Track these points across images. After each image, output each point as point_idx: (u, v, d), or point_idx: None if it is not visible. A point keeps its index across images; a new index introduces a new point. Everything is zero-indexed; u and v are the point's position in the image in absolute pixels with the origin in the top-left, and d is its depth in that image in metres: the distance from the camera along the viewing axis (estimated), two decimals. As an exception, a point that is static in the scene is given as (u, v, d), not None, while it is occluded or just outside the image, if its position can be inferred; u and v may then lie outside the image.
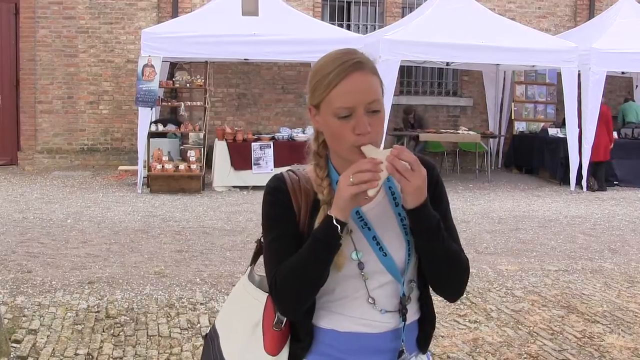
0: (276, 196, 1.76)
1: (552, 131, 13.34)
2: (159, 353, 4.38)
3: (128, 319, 4.99)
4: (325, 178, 1.75)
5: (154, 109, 11.15)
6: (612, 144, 12.16)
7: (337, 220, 1.61)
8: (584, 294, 5.92)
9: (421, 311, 1.83)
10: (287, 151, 11.02)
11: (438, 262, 1.73)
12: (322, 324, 1.76)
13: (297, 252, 1.70)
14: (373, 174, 1.58)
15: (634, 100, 13.57)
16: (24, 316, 4.99)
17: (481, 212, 9.78)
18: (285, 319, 1.77)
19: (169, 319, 5.03)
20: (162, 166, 10.70)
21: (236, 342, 1.84)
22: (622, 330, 5.02)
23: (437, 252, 1.71)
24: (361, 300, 1.73)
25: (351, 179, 1.58)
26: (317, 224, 1.69)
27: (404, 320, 1.74)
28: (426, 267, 1.75)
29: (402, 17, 13.90)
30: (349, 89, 1.65)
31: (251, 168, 11.09)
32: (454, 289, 1.81)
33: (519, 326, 5.04)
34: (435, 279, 1.78)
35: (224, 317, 1.95)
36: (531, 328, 5.00)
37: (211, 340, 1.92)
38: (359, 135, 1.66)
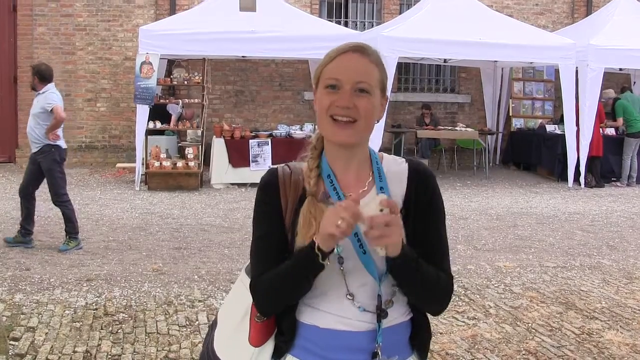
0: (265, 192, 1.80)
1: (550, 128, 13.35)
2: (157, 350, 4.38)
3: (126, 316, 4.99)
4: (315, 169, 1.77)
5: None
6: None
7: (319, 249, 1.63)
8: (582, 290, 5.93)
9: (413, 314, 1.82)
10: (285, 148, 11.01)
11: (415, 292, 1.76)
12: (304, 319, 1.77)
13: (278, 251, 1.75)
14: (350, 230, 1.59)
15: (631, 91, 13.49)
16: (22, 314, 4.99)
17: (479, 208, 9.78)
18: None
19: (167, 316, 5.03)
20: (160, 163, 10.69)
21: (226, 331, 1.90)
22: (620, 326, 5.03)
23: (415, 286, 1.73)
24: (341, 296, 1.73)
25: (339, 223, 1.57)
26: (301, 215, 1.73)
27: (379, 322, 1.73)
28: (404, 292, 1.77)
29: (400, 13, 13.89)
30: (341, 64, 1.72)
31: (249, 165, 11.09)
32: (433, 309, 1.85)
33: (518, 322, 5.04)
34: (414, 301, 1.80)
35: (224, 306, 2.00)
36: (530, 324, 5.01)
37: (211, 328, 1.99)
38: (337, 107, 1.70)
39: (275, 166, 1.85)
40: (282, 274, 1.72)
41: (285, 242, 1.76)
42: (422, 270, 1.71)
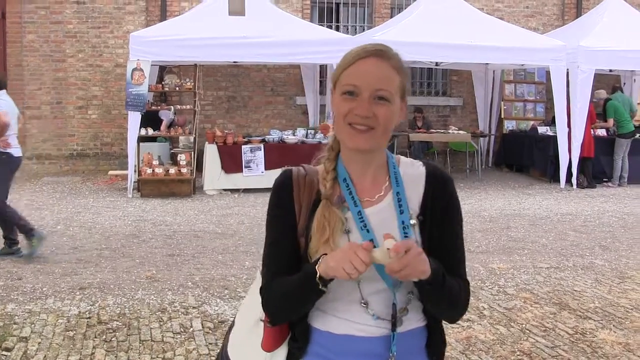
0: (278, 195, 1.78)
1: (542, 129, 13.39)
2: (151, 358, 4.36)
3: (120, 324, 4.97)
4: (331, 171, 1.75)
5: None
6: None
7: (320, 278, 1.61)
8: (575, 290, 5.95)
9: (427, 320, 1.79)
10: (278, 153, 10.99)
11: (438, 304, 1.73)
12: (317, 325, 1.75)
13: (290, 258, 1.73)
14: (356, 274, 1.56)
15: (622, 91, 13.56)
16: (15, 324, 4.96)
17: (472, 211, 9.80)
18: None
19: (161, 323, 5.01)
20: (153, 170, 10.66)
21: (240, 334, 1.88)
22: (613, 325, 5.04)
23: (440, 300, 1.71)
24: (355, 303, 1.71)
25: (349, 271, 1.54)
26: (315, 220, 1.70)
27: (394, 330, 1.70)
28: (425, 304, 1.75)
29: (391, 17, 13.92)
30: (360, 69, 1.67)
31: (242, 171, 11.07)
32: (451, 317, 1.83)
33: (512, 324, 5.05)
34: (433, 311, 1.77)
35: (241, 308, 1.98)
36: (524, 325, 5.01)
37: (228, 330, 1.97)
38: (356, 116, 1.65)
39: (289, 167, 1.82)
40: (288, 288, 1.70)
41: (297, 247, 1.73)
42: (447, 284, 1.68)
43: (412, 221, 1.71)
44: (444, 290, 1.67)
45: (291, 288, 1.69)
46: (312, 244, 1.70)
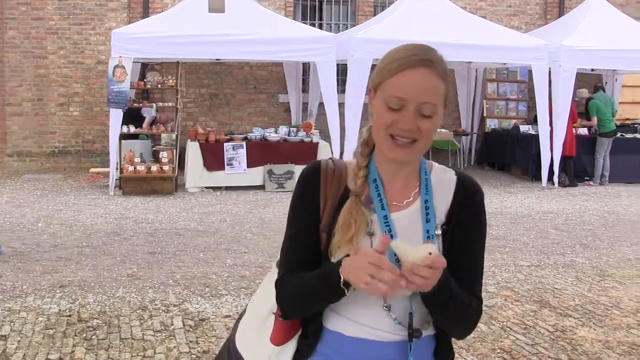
0: (304, 187, 1.73)
1: (524, 128, 13.47)
2: (132, 356, 4.34)
3: (100, 322, 4.94)
4: (364, 168, 1.71)
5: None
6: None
7: (344, 283, 1.56)
8: (556, 288, 5.99)
9: (436, 330, 1.75)
10: (260, 151, 10.95)
11: (444, 319, 1.70)
12: (330, 325, 1.71)
13: (309, 252, 1.69)
14: (386, 289, 1.49)
15: (604, 91, 13.68)
16: (-6, 322, 4.92)
17: (455, 209, 9.82)
18: None
19: (142, 321, 4.98)
20: (134, 168, 10.60)
21: (251, 325, 1.85)
22: (593, 323, 5.08)
23: (446, 315, 1.67)
24: (376, 307, 1.66)
25: (381, 287, 1.48)
26: (341, 215, 1.65)
27: (410, 341, 1.66)
28: (432, 316, 1.71)
29: (374, 15, 13.94)
30: (406, 82, 1.61)
31: (224, 168, 11.03)
32: (458, 334, 1.80)
33: (492, 321, 5.07)
34: (441, 326, 1.74)
35: (254, 298, 1.94)
36: (504, 323, 5.04)
37: (239, 318, 1.94)
38: (399, 129, 1.60)
39: (318, 159, 1.76)
40: (306, 286, 1.65)
41: (319, 242, 1.69)
42: (454, 300, 1.64)
43: (437, 231, 1.68)
44: (446, 307, 1.64)
45: (309, 286, 1.65)
46: (335, 241, 1.66)
